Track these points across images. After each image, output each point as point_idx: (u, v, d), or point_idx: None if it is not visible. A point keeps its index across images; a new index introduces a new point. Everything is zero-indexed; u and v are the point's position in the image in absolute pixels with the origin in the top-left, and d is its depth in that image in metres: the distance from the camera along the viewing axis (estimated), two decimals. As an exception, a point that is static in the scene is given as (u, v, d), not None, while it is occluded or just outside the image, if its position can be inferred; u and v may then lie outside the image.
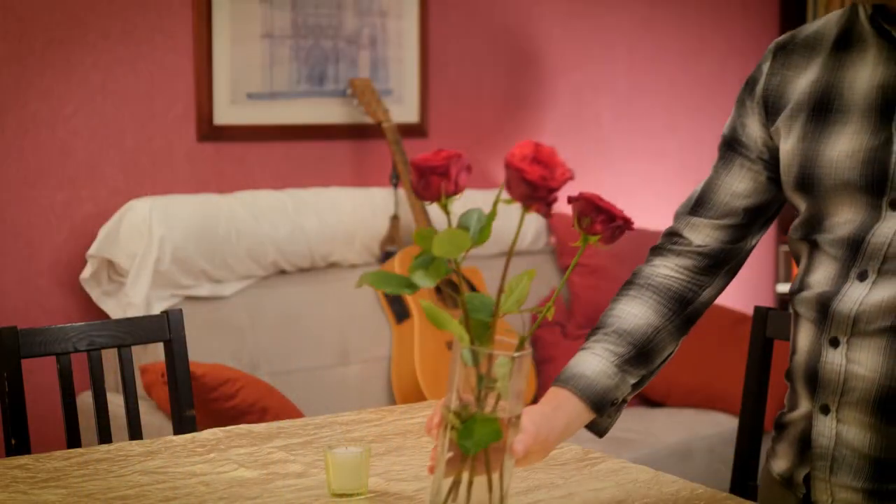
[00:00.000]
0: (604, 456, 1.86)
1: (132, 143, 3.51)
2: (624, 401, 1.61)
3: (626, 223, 1.42)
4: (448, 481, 1.38)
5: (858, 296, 1.51)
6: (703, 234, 1.67)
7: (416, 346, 3.53)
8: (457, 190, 1.37)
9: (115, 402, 2.83)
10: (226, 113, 3.65)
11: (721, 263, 1.67)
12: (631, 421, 3.62)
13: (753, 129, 1.64)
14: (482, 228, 1.36)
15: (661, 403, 3.81)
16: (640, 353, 1.61)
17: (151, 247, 3.24)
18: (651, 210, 4.77)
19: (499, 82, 4.28)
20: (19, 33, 3.29)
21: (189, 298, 3.36)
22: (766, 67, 1.63)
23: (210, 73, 3.60)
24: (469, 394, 1.36)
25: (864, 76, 1.52)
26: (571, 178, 1.31)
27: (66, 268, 3.41)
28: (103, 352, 2.21)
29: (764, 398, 2.16)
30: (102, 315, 3.38)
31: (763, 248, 5.18)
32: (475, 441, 1.34)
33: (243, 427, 2.01)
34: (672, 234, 1.71)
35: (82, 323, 2.19)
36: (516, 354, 1.36)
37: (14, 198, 3.32)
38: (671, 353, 1.66)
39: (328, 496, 1.66)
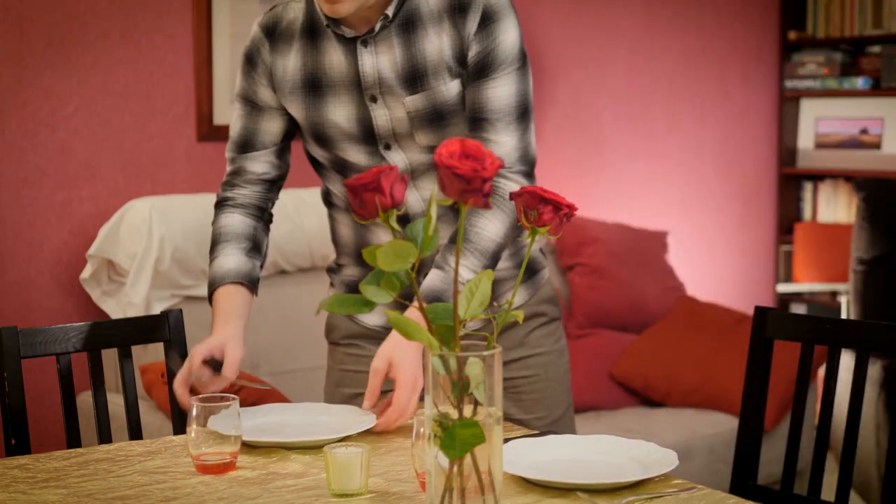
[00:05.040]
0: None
1: (132, 143, 3.51)
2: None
3: (571, 209, 1.43)
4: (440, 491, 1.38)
5: None
6: (261, 165, 2.20)
7: (416, 346, 3.52)
8: (394, 203, 1.36)
9: (115, 402, 2.83)
10: (226, 113, 3.65)
11: (279, 179, 2.25)
12: (631, 421, 3.62)
13: (266, 95, 2.13)
14: (429, 235, 1.35)
15: (661, 403, 3.81)
16: (254, 247, 2.17)
17: (151, 247, 3.24)
18: (651, 210, 4.77)
19: (499, 82, 4.27)
20: (19, 33, 3.29)
21: (189, 298, 3.35)
22: (264, 51, 2.11)
23: (210, 73, 3.60)
24: (446, 401, 1.37)
25: (335, 60, 2.05)
26: (502, 165, 1.33)
27: (66, 268, 3.41)
28: (103, 352, 2.21)
29: (764, 398, 2.16)
30: (102, 315, 3.38)
31: (763, 248, 5.18)
32: (459, 446, 1.34)
33: (243, 427, 2.01)
34: (236, 173, 2.20)
35: (82, 323, 2.19)
36: (486, 353, 1.36)
37: (14, 198, 3.32)
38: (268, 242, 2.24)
39: (328, 496, 1.66)
